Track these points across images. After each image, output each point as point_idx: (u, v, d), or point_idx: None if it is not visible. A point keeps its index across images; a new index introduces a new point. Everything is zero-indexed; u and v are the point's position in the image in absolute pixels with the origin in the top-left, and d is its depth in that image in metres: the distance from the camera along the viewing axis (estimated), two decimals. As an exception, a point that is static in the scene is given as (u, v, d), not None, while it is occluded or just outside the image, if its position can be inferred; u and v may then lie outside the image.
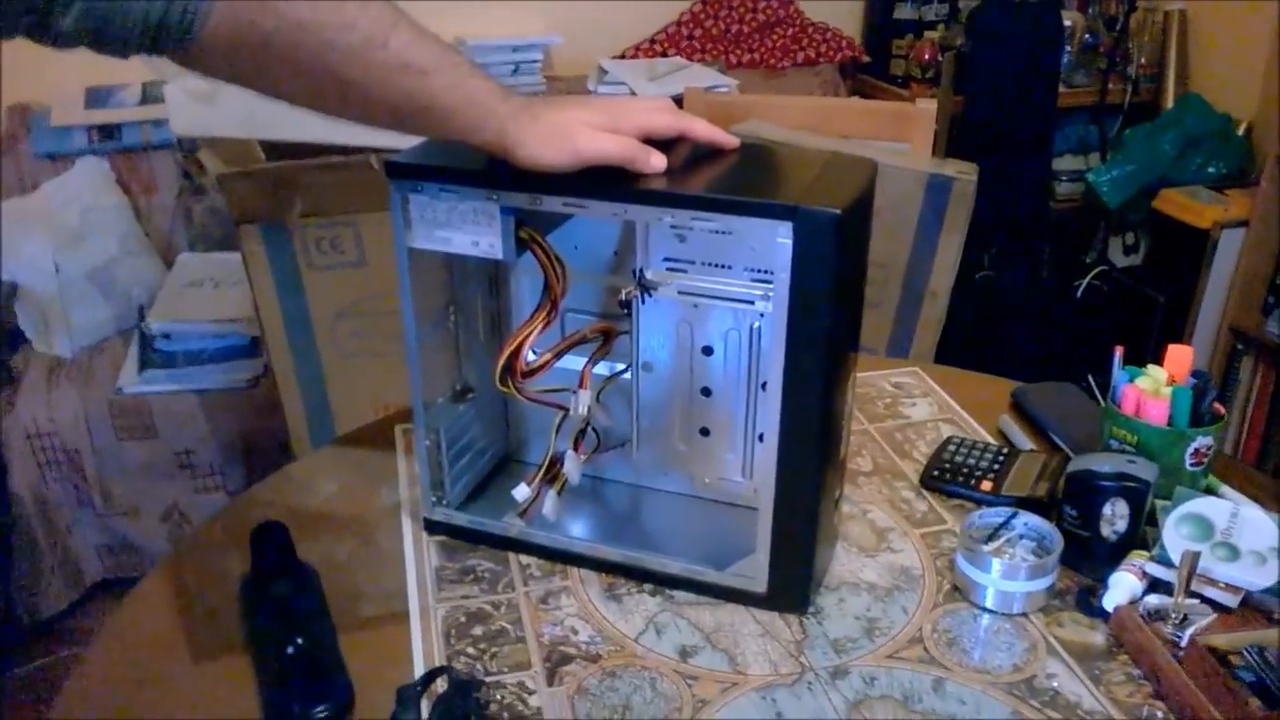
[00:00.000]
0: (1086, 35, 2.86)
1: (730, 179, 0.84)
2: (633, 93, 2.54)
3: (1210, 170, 2.66)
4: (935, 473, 1.07)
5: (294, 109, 0.78)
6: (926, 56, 2.81)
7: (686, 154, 0.86)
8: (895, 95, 2.82)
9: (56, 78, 2.44)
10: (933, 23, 2.90)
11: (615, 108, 0.84)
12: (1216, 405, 1.00)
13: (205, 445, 2.08)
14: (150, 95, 2.47)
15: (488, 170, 0.83)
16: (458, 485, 0.99)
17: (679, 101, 2.09)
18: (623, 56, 2.85)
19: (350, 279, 1.64)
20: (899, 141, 1.93)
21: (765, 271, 0.82)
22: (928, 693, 0.81)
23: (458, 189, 0.83)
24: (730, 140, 0.88)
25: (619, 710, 0.79)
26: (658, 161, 0.82)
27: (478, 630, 0.86)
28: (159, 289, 2.32)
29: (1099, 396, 1.13)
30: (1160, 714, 0.79)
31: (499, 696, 0.80)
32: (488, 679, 0.81)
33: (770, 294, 0.80)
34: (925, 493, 1.06)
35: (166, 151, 2.47)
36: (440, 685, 0.77)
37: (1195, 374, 1.02)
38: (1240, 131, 2.71)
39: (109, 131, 2.45)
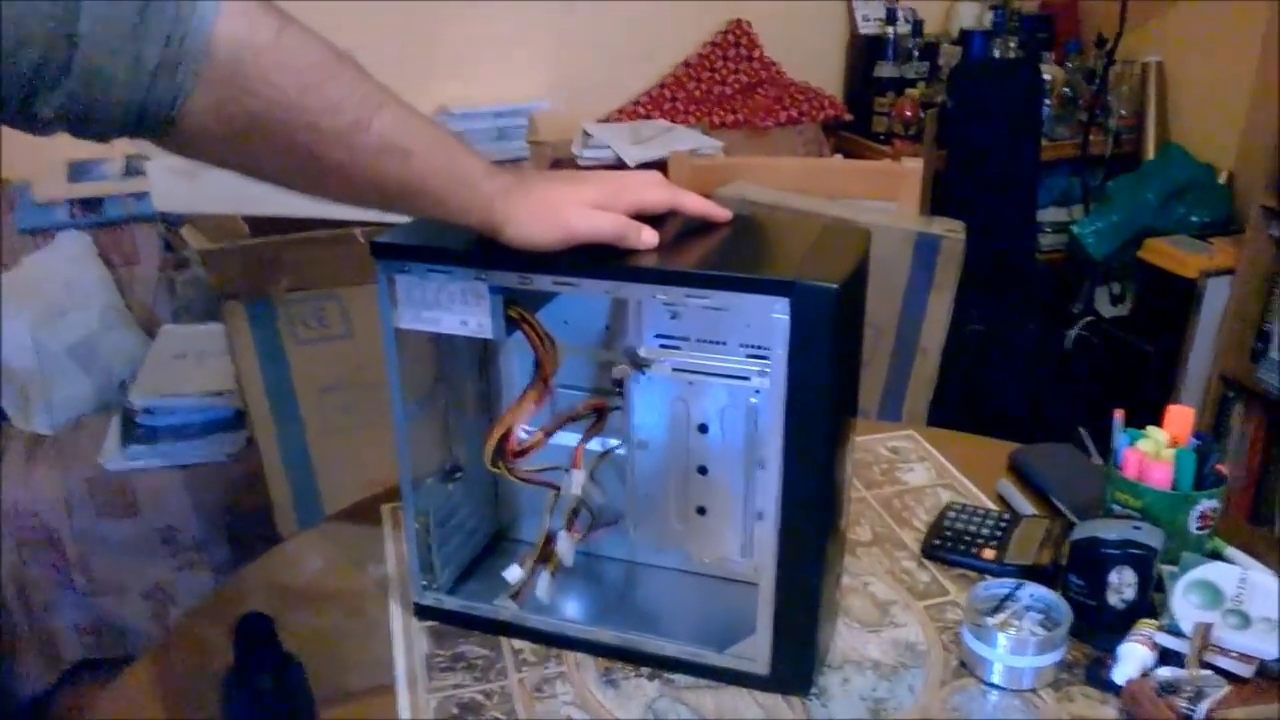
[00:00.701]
0: (1066, 89, 2.89)
1: (724, 254, 0.82)
2: (619, 158, 2.54)
3: (1193, 219, 2.67)
4: (936, 541, 1.05)
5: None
6: (908, 113, 2.82)
7: (678, 228, 0.85)
8: (878, 152, 2.83)
9: (39, 152, 2.43)
10: (913, 80, 2.91)
11: (608, 183, 0.83)
12: (1219, 467, 0.99)
13: (187, 521, 2.04)
14: (133, 168, 2.46)
15: (476, 249, 0.81)
16: (448, 568, 0.97)
17: (664, 167, 2.10)
18: (606, 120, 2.86)
19: (336, 352, 1.62)
20: (886, 200, 1.94)
21: (761, 347, 0.81)
22: (940, 778, 0.78)
23: (446, 269, 0.82)
24: (722, 213, 0.87)
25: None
26: (649, 238, 0.80)
27: (471, 723, 0.83)
28: (141, 362, 2.29)
29: (1092, 450, 1.11)
30: (1180, 795, 0.76)
31: (495, 794, 0.77)
32: (483, 775, 0.78)
33: (766, 370, 0.78)
34: (927, 562, 1.04)
35: (149, 224, 2.46)
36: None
37: (1197, 435, 1.00)
38: (1222, 180, 2.72)
39: (91, 205, 2.44)
